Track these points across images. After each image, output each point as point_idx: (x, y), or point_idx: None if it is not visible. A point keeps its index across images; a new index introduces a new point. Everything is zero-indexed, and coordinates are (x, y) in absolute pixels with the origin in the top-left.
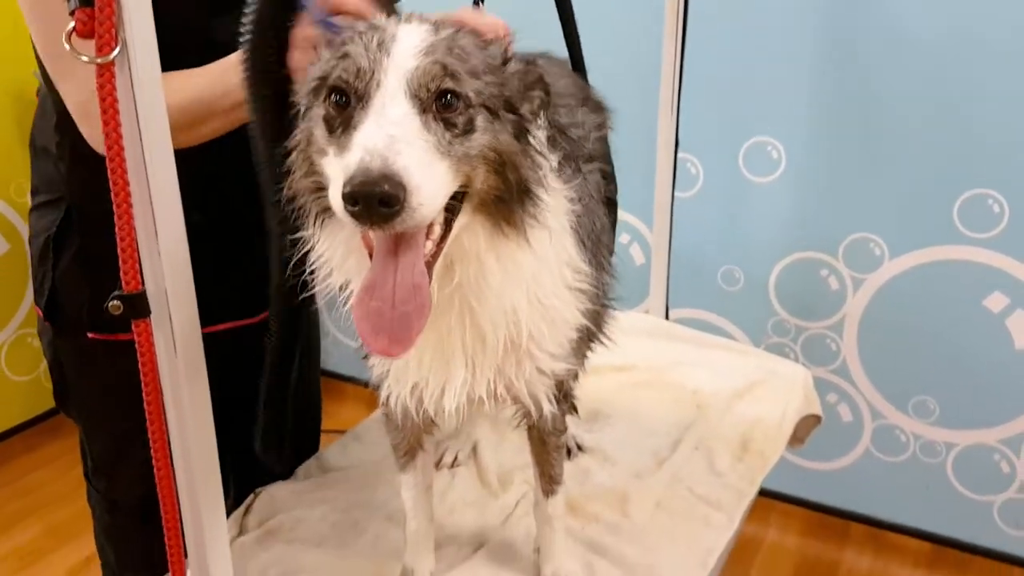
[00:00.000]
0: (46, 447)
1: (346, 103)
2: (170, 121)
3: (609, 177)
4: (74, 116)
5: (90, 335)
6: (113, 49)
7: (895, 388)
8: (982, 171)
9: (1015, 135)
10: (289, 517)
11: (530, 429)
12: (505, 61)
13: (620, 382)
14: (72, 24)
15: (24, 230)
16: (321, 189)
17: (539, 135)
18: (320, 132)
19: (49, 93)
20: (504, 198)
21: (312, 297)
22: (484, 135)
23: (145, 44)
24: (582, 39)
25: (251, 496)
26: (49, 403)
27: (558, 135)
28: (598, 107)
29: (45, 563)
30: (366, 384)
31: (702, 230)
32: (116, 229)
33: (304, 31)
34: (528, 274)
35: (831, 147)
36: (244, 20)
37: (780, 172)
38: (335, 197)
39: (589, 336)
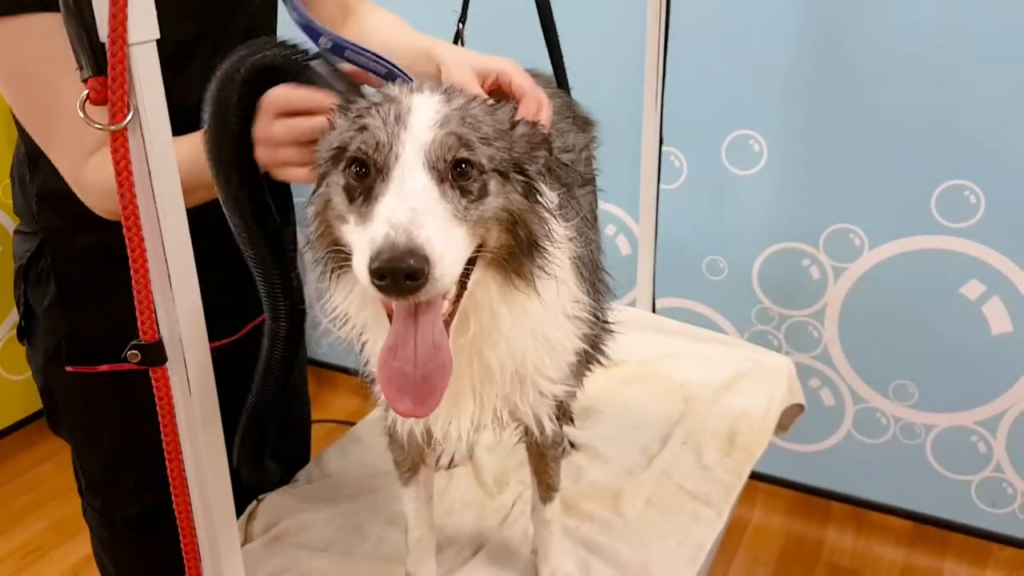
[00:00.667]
0: (47, 443)
1: (365, 174)
2: None
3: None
4: (70, 184)
5: (68, 368)
6: (126, 116)
7: (876, 373)
8: (959, 163)
9: (991, 128)
10: (293, 523)
11: (529, 443)
12: (513, 125)
13: (610, 378)
14: (86, 92)
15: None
16: (338, 248)
17: (544, 189)
18: (340, 200)
19: (20, 134)
20: (515, 253)
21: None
22: (497, 198)
23: (156, 109)
24: (567, 36)
25: (253, 503)
26: None
27: (554, 165)
28: (586, 124)
29: (48, 560)
30: (357, 373)
31: (687, 221)
32: (132, 283)
33: (264, 127)
34: (535, 319)
35: (812, 140)
36: (203, 110)
37: (762, 165)
38: (360, 269)
39: (588, 358)
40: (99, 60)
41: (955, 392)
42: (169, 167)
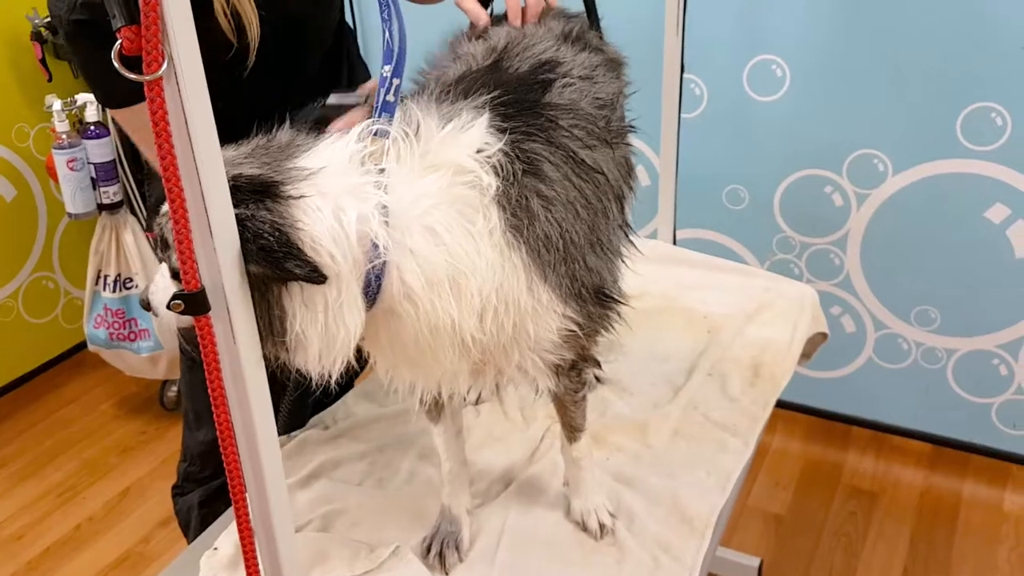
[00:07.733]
0: (71, 384)
1: None
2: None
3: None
4: None
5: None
6: (161, 65)
7: (897, 299)
8: (985, 84)
9: (1018, 48)
10: (327, 460)
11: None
12: None
13: (633, 311)
14: (119, 42)
15: (29, 174)
16: None
17: None
18: None
19: None
20: None
21: None
22: None
23: (190, 58)
24: None
25: (283, 438)
26: (70, 342)
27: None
28: (617, 66)
29: (81, 499)
30: None
31: (707, 151)
32: (173, 234)
33: None
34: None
35: (835, 64)
36: None
37: (784, 90)
38: None
39: (580, 333)
40: (132, 9)
41: (977, 316)
42: (205, 116)
